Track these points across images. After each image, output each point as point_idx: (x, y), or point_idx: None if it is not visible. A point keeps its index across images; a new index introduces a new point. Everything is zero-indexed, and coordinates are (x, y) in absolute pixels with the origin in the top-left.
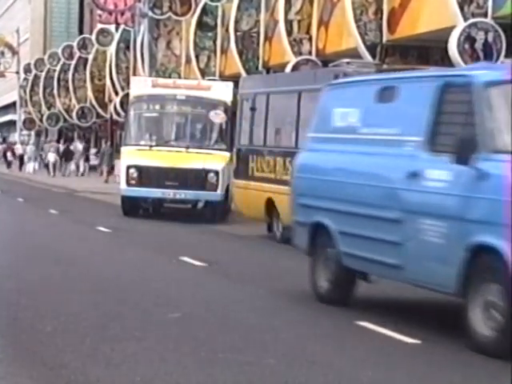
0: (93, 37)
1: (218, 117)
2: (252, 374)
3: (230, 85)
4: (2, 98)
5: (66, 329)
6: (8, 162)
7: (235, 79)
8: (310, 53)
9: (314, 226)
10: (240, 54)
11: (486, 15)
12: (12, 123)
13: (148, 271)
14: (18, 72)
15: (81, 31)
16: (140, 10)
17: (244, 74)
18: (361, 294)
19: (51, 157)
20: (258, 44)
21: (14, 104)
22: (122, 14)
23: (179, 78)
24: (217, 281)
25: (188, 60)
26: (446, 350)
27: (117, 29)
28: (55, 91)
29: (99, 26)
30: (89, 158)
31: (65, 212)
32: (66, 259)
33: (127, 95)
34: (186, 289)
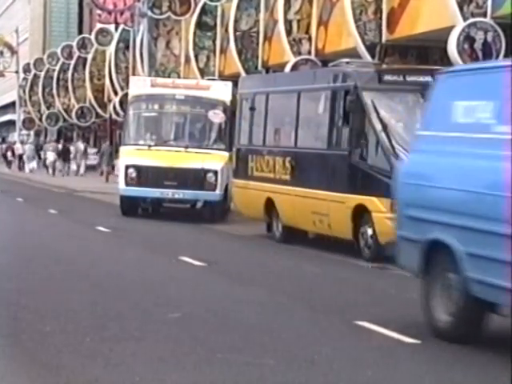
0: (92, 36)
1: (217, 116)
2: (251, 374)
3: (229, 84)
4: (2, 97)
5: (65, 329)
6: (8, 162)
7: (234, 79)
8: (309, 52)
9: (429, 244)
10: (239, 53)
11: (485, 15)
12: (11, 123)
13: (147, 271)
14: (17, 72)
15: (80, 31)
16: (139, 10)
17: (243, 73)
18: (360, 294)
19: (50, 156)
20: (258, 44)
21: (13, 104)
22: (122, 14)
23: (178, 77)
24: (216, 281)
25: (187, 60)
26: (446, 349)
27: (116, 28)
28: (54, 91)
29: (98, 25)
30: (87, 157)
31: (64, 212)
32: (65, 259)
33: (126, 95)
34: (186, 289)
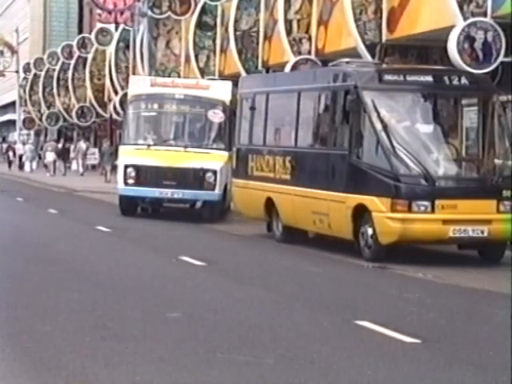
0: (92, 36)
1: (217, 116)
2: (251, 373)
3: (229, 84)
4: (2, 97)
5: (65, 328)
6: (9, 162)
7: (235, 79)
8: (309, 52)
9: None
10: (239, 53)
11: (485, 15)
12: (11, 123)
13: (148, 271)
14: (17, 71)
15: (80, 31)
16: (139, 10)
17: (243, 73)
18: (360, 294)
19: (49, 156)
20: (258, 43)
21: (13, 103)
22: (122, 14)
23: (179, 77)
24: (216, 280)
25: (187, 59)
26: (446, 349)
27: (116, 28)
28: (55, 90)
29: (99, 25)
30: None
31: (64, 211)
32: (65, 259)
33: (127, 95)
34: (186, 288)
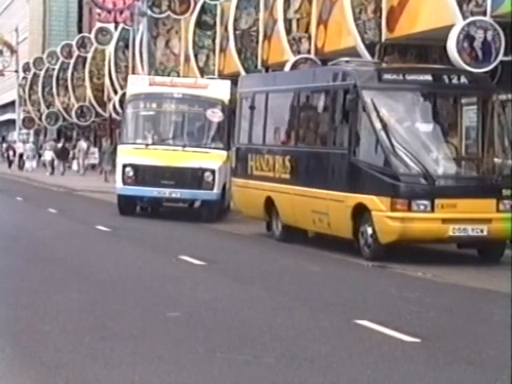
0: (92, 36)
1: (216, 115)
2: (251, 373)
3: (228, 83)
4: (1, 96)
5: (65, 328)
6: (9, 161)
7: (234, 78)
8: (308, 51)
9: None
10: (239, 52)
11: (484, 14)
12: (11, 122)
13: (147, 270)
14: (16, 71)
15: (80, 30)
16: (139, 9)
17: (243, 72)
18: (360, 293)
19: (48, 155)
20: (257, 43)
21: (12, 103)
22: (121, 13)
23: (178, 76)
24: (216, 280)
25: (187, 59)
26: (446, 348)
27: (116, 28)
28: (54, 90)
29: (98, 24)
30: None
31: (64, 211)
32: (64, 258)
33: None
34: (185, 288)
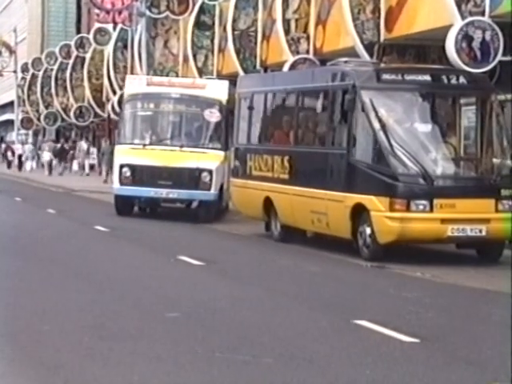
0: (90, 36)
1: (213, 115)
2: (250, 373)
3: (226, 83)
4: (0, 97)
5: (64, 328)
6: (8, 162)
7: (233, 78)
8: (307, 52)
9: None
10: (237, 52)
11: (483, 14)
12: (10, 123)
13: (146, 270)
14: (15, 71)
15: (78, 30)
16: (137, 9)
17: (241, 73)
18: (359, 293)
19: (46, 156)
20: (256, 43)
21: (11, 103)
22: (120, 13)
23: (177, 77)
24: (215, 280)
25: (186, 59)
26: (444, 349)
27: (114, 28)
28: (53, 90)
29: (97, 25)
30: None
31: (63, 211)
32: (63, 258)
33: None
34: (184, 288)
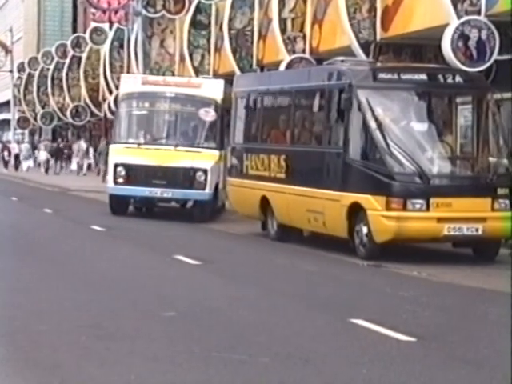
0: (86, 35)
1: (208, 115)
2: (246, 372)
3: (221, 82)
4: None
5: (60, 328)
6: (5, 162)
7: (229, 77)
8: (303, 51)
9: None
10: (234, 52)
11: (479, 13)
12: (6, 122)
13: (142, 270)
14: (11, 71)
15: (74, 30)
16: (134, 9)
17: (238, 72)
18: (355, 292)
19: (42, 155)
20: (252, 42)
21: (7, 103)
22: (116, 13)
23: (173, 76)
24: (211, 279)
25: (182, 58)
26: (441, 347)
27: (110, 27)
28: (49, 90)
29: (93, 24)
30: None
31: (59, 211)
32: (60, 258)
33: None
34: (181, 287)
